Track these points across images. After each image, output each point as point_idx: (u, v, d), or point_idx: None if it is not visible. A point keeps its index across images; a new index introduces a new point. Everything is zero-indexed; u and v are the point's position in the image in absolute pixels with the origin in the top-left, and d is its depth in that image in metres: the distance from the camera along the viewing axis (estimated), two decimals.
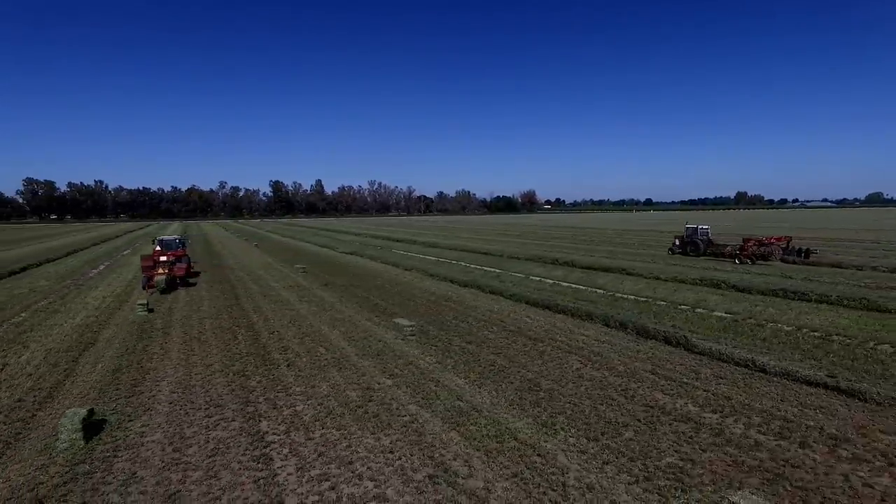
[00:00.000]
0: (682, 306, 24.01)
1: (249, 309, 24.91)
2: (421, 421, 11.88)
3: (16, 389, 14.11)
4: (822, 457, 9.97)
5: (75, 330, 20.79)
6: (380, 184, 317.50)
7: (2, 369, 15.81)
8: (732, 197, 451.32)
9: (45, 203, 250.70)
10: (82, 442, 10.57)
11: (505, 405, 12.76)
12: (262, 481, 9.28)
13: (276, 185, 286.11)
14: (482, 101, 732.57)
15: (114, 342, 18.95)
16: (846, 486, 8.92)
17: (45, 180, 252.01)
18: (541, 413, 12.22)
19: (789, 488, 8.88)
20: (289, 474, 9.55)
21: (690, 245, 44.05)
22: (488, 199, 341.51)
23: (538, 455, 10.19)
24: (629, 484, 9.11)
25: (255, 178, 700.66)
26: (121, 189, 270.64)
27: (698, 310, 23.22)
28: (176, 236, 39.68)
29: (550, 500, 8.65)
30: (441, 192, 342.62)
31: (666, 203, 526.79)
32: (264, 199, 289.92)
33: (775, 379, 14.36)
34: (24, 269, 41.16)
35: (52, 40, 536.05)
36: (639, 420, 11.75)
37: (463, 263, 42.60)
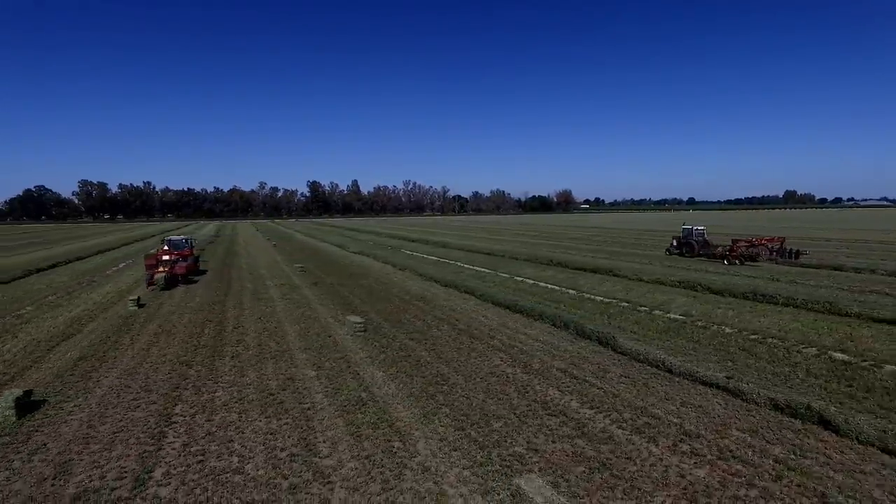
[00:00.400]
0: (643, 308, 24.32)
1: (231, 306, 26.64)
2: (318, 408, 13.03)
3: None
4: (661, 450, 10.59)
5: (66, 322, 22.92)
6: (414, 184, 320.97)
7: None
8: (781, 196, 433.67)
9: (97, 203, 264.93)
10: (14, 418, 12.21)
11: (403, 397, 13.77)
12: (145, 454, 10.63)
13: (314, 186, 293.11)
14: (518, 100, 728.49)
15: (93, 334, 20.90)
16: (659, 477, 9.57)
17: (98, 182, 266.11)
18: (429, 404, 13.18)
19: (604, 476, 9.60)
20: (172, 449, 10.88)
21: (686, 246, 43.89)
22: (523, 199, 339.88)
23: (400, 441, 11.19)
24: (462, 469, 10.01)
25: (293, 179, 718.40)
26: (167, 190, 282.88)
27: (656, 311, 23.52)
28: (184, 237, 42.13)
29: (383, 479, 9.66)
30: (476, 192, 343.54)
31: (710, 202, 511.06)
32: (302, 199, 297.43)
33: (676, 379, 14.84)
34: (52, 267, 44.58)
35: (104, 45, 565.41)
36: (515, 414, 12.56)
37: (459, 264, 43.52)
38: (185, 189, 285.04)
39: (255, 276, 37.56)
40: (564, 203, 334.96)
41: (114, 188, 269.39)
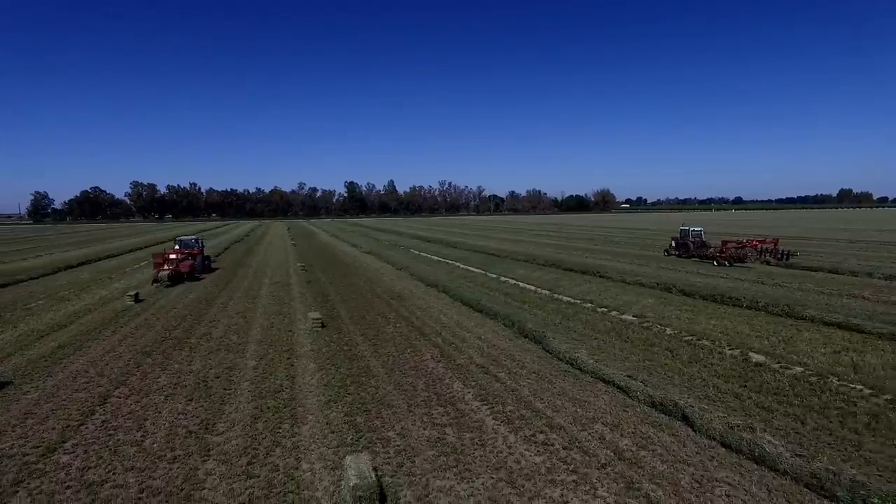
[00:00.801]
0: (602, 308, 24.86)
1: (219, 302, 28.59)
2: (238, 394, 14.46)
3: None
4: (516, 439, 11.50)
5: (65, 315, 25.31)
6: (450, 184, 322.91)
7: None
8: (835, 195, 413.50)
9: (147, 204, 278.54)
10: None
11: (320, 386, 15.04)
12: (68, 428, 12.28)
13: (351, 186, 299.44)
14: (557, 99, 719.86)
15: (83, 326, 23.10)
16: (497, 461, 10.52)
17: (148, 183, 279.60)
18: (338, 394, 14.38)
19: (447, 459, 10.61)
20: (92, 425, 12.48)
21: (682, 247, 43.84)
22: (559, 199, 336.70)
23: (291, 424, 12.45)
24: (326, 448, 11.20)
25: (331, 180, 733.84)
26: (212, 191, 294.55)
27: (612, 312, 24.05)
28: (194, 237, 44.75)
29: (254, 454, 10.94)
30: (512, 192, 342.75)
31: (761, 201, 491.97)
32: (340, 199, 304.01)
33: (582, 376, 15.61)
34: (81, 264, 48.22)
35: (154, 52, 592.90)
36: (408, 404, 13.64)
37: (457, 264, 44.59)
38: (229, 190, 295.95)
39: (258, 275, 39.71)
40: (602, 202, 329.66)
41: (162, 189, 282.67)
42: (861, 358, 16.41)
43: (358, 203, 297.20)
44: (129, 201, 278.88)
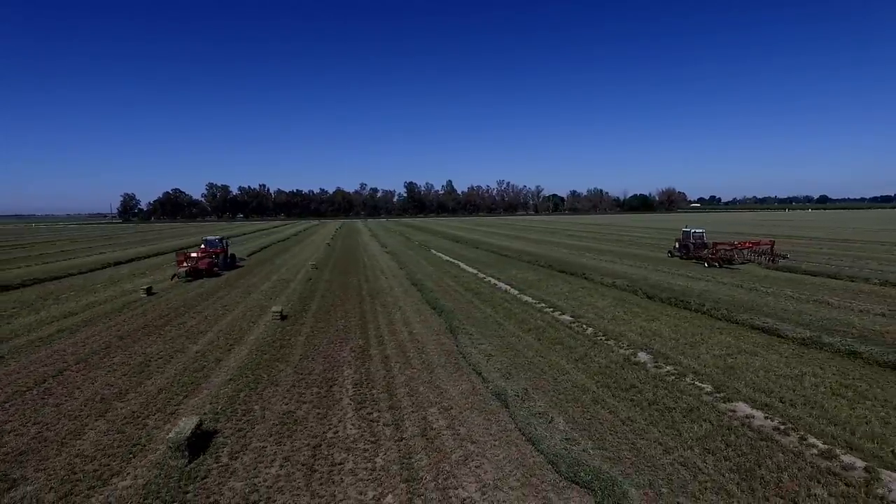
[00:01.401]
0: (548, 309, 25.95)
1: (216, 297, 31.94)
2: (161, 372, 17.20)
3: None
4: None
5: (81, 306, 29.31)
6: (508, 183, 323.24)
7: None
8: None
9: (221, 204, 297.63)
10: None
11: (231, 367, 17.54)
12: (16, 393, 15.41)
13: (410, 187, 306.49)
14: (620, 95, 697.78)
15: (90, 314, 26.94)
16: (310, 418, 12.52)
17: (222, 184, 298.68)
18: (237, 373, 16.83)
19: (250, 415, 12.71)
20: (37, 390, 15.56)
21: (684, 248, 43.93)
22: (622, 198, 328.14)
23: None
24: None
25: (392, 180, 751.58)
26: (279, 192, 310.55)
27: (556, 313, 25.12)
28: (219, 237, 49.10)
29: (124, 392, 13.51)
30: (574, 191, 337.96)
31: (852, 199, 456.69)
32: (399, 199, 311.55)
33: (465, 367, 17.18)
34: (130, 261, 54.05)
35: (225, 61, 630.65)
36: (291, 375, 15.85)
37: (459, 264, 46.34)
38: (295, 191, 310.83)
39: (269, 273, 43.24)
40: (668, 202, 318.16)
41: (234, 190, 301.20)
42: (748, 360, 16.99)
43: (416, 203, 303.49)
44: (204, 202, 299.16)
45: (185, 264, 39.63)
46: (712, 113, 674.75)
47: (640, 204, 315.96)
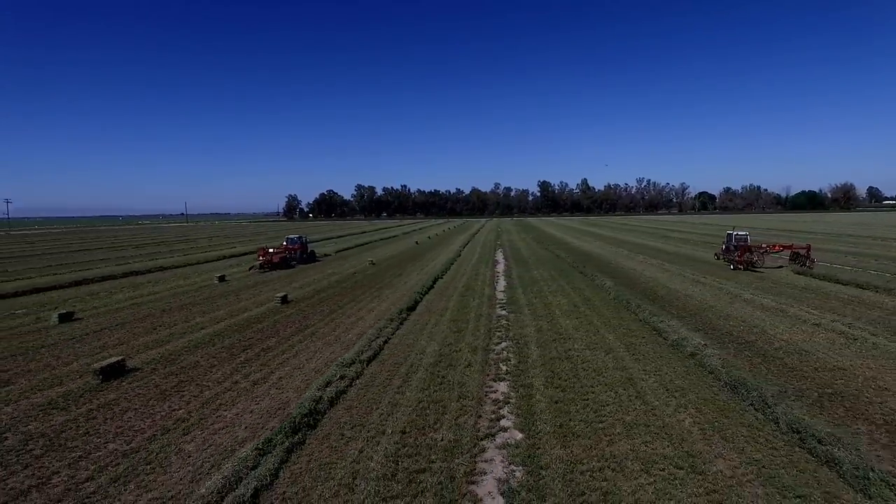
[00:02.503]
0: (506, 305, 28.74)
1: (264, 285, 39.45)
2: (162, 332, 24.02)
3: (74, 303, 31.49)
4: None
5: (165, 287, 38.43)
6: (648, 181, 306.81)
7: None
8: None
9: (367, 204, 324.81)
10: (56, 321, 26.36)
11: (209, 334, 23.78)
12: (72, 339, 23.17)
13: (544, 185, 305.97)
14: (788, 82, 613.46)
15: (165, 294, 35.66)
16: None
17: (369, 186, 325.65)
18: (210, 341, 22.94)
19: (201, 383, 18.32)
20: (82, 337, 23.17)
21: (727, 252, 44.85)
22: (785, 195, 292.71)
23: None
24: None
25: (525, 179, 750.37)
26: (419, 192, 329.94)
27: (503, 311, 27.94)
28: (298, 236, 57.66)
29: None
30: (728, 188, 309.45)
31: None
32: (533, 198, 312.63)
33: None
34: (243, 255, 65.57)
35: (364, 69, 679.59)
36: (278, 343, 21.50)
37: (496, 258, 49.47)
38: (432, 191, 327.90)
39: (329, 265, 50.45)
40: (844, 199, 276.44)
41: (379, 191, 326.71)
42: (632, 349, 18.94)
43: (550, 202, 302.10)
44: (353, 202, 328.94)
45: (261, 258, 48.39)
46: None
47: (807, 202, 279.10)
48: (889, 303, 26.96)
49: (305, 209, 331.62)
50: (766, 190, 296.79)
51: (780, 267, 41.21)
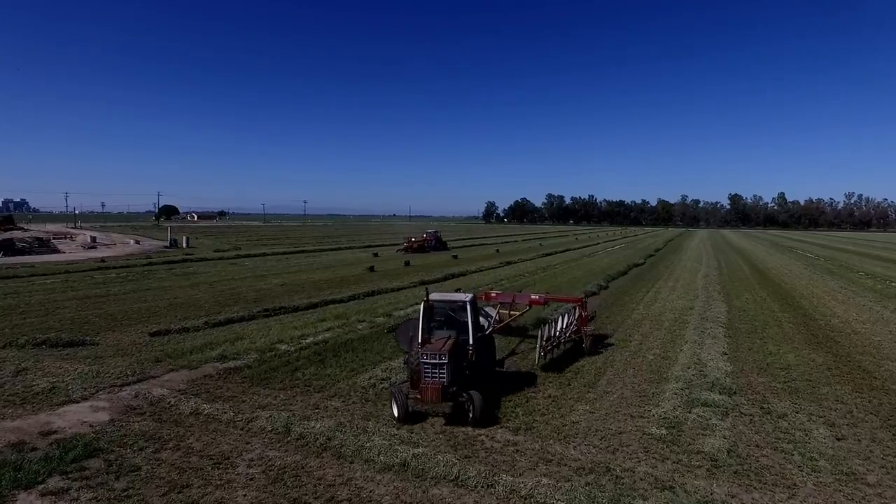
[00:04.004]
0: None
1: (387, 264, 45.17)
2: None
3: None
4: None
5: (326, 262, 46.83)
6: (859, 196, 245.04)
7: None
8: None
9: (556, 211, 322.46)
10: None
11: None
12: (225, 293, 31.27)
13: (734, 199, 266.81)
14: None
15: (334, 271, 43.65)
16: None
17: (557, 194, 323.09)
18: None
19: None
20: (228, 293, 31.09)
21: None
22: None
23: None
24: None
25: (716, 192, 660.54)
26: (604, 201, 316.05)
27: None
28: (434, 230, 63.58)
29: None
30: None
31: None
32: (721, 210, 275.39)
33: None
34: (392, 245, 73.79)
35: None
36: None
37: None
38: (618, 200, 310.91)
39: (445, 256, 54.45)
40: None
41: (567, 200, 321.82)
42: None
43: (740, 215, 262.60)
44: (543, 209, 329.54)
45: (404, 244, 55.33)
46: None
47: None
48: None
49: (501, 214, 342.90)
50: None
51: None
